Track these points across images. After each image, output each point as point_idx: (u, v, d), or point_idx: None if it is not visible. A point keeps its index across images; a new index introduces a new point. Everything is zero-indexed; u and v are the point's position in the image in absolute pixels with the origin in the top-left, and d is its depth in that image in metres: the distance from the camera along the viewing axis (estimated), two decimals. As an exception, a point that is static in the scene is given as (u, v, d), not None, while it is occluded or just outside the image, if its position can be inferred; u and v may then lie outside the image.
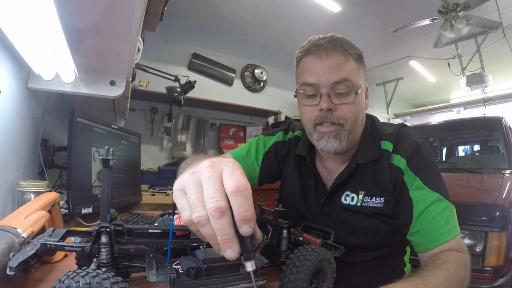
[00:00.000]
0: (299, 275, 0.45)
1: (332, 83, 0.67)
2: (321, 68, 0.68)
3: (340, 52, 0.68)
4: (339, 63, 0.68)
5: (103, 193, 0.42)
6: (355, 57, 0.71)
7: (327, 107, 0.67)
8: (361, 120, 0.74)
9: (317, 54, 0.69)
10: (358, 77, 0.70)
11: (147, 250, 0.43)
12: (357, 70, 0.70)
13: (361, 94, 0.71)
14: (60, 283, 0.33)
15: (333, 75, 0.67)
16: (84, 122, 1.07)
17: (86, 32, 0.88)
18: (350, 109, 0.69)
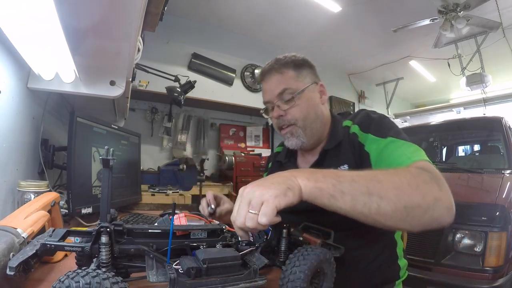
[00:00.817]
0: (299, 275, 0.45)
1: (276, 95, 0.84)
2: (268, 88, 0.87)
3: (276, 71, 0.86)
4: (278, 79, 0.85)
5: (103, 193, 0.42)
6: (292, 66, 0.86)
7: (277, 114, 0.85)
8: (314, 115, 0.86)
9: (264, 79, 0.89)
10: (298, 83, 0.85)
11: (147, 250, 0.43)
12: (297, 77, 0.86)
13: (307, 94, 0.85)
14: (60, 283, 0.33)
15: (275, 89, 0.85)
16: (84, 122, 1.07)
17: (86, 32, 0.88)
18: (297, 110, 0.83)
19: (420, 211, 0.53)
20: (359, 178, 0.53)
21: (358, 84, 5.31)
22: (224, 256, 0.46)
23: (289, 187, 0.49)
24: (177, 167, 2.58)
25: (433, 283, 1.69)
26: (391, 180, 0.54)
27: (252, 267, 0.46)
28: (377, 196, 0.51)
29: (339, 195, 0.51)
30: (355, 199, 0.51)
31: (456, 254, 1.70)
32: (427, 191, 0.54)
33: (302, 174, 0.52)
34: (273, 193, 0.47)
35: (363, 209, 0.51)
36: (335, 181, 0.52)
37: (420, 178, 0.56)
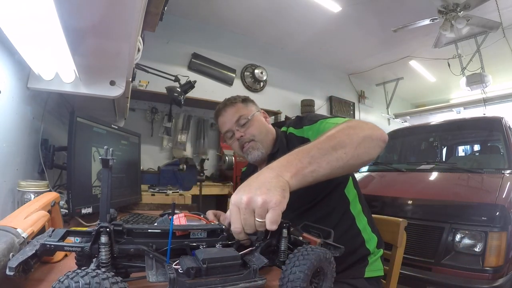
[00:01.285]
0: (299, 275, 0.45)
1: (234, 122, 1.05)
2: (226, 120, 1.08)
3: (229, 106, 1.08)
4: (232, 111, 1.07)
5: (103, 193, 0.42)
6: (240, 101, 1.09)
7: (239, 135, 1.05)
8: (265, 130, 1.07)
9: (221, 114, 1.10)
10: (247, 110, 1.08)
11: (147, 250, 0.43)
12: (245, 106, 1.09)
13: (256, 117, 1.07)
14: (60, 283, 0.33)
15: (232, 119, 1.06)
16: (84, 122, 1.07)
17: (86, 32, 0.88)
18: (253, 128, 1.04)
19: (368, 140, 0.69)
20: (321, 144, 0.64)
21: (358, 84, 5.31)
22: (224, 256, 0.46)
23: (284, 189, 0.53)
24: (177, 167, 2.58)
25: (433, 283, 1.69)
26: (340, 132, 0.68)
27: (252, 267, 0.46)
28: (341, 148, 0.64)
29: (318, 167, 0.60)
30: (329, 160, 0.62)
31: (456, 254, 1.70)
32: (362, 127, 0.71)
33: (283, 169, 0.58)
34: (276, 200, 0.50)
35: (338, 163, 0.63)
36: (309, 158, 0.60)
37: (352, 123, 0.74)
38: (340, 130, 0.69)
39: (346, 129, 0.70)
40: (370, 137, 0.70)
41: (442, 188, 2.03)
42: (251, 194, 0.51)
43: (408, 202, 1.97)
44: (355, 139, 0.66)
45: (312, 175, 0.59)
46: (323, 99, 4.74)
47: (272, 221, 0.49)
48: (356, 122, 0.74)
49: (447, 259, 1.71)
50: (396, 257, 1.02)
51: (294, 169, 0.58)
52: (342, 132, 0.68)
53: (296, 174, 0.57)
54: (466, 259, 1.66)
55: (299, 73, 4.35)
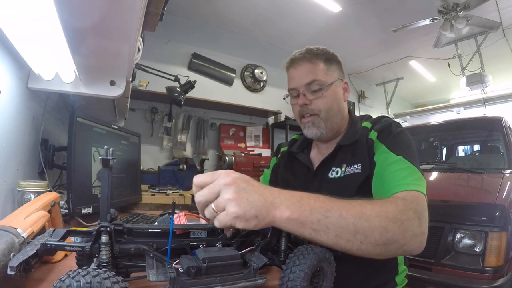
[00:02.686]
0: (299, 274, 0.45)
1: (305, 84, 0.86)
2: (297, 75, 0.89)
3: (308, 61, 0.87)
4: (308, 69, 0.87)
5: (103, 193, 0.42)
6: (324, 59, 0.88)
7: (302, 102, 0.87)
8: (336, 109, 0.89)
9: (293, 66, 0.90)
10: (327, 76, 0.87)
11: (147, 250, 0.43)
12: (326, 70, 0.88)
13: (333, 88, 0.88)
14: (61, 282, 0.33)
15: (304, 79, 0.87)
16: (84, 122, 1.07)
17: (86, 32, 0.88)
18: (323, 101, 0.86)
19: (397, 246, 0.55)
20: (347, 214, 0.52)
21: (358, 84, 5.31)
22: (224, 255, 0.46)
23: (257, 216, 0.47)
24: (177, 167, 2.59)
25: (433, 283, 1.69)
26: (378, 217, 0.54)
27: (252, 266, 0.46)
28: (362, 235, 0.52)
29: (323, 231, 0.50)
30: (339, 236, 0.50)
31: (456, 254, 1.70)
32: (408, 228, 0.56)
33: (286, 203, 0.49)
34: (236, 211, 0.45)
35: (345, 245, 0.52)
36: (322, 216, 0.50)
37: (405, 215, 0.57)
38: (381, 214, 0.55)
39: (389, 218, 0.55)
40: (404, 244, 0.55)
41: (442, 188, 2.03)
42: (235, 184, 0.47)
43: (408, 202, 1.97)
44: (385, 238, 0.53)
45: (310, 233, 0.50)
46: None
47: (219, 221, 0.46)
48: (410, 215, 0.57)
49: (447, 259, 1.71)
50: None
51: (297, 214, 0.49)
52: (380, 219, 0.54)
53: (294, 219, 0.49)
54: (466, 259, 1.66)
55: (299, 73, 4.34)
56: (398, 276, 0.85)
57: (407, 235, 0.56)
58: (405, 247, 0.56)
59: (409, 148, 0.77)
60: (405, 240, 0.55)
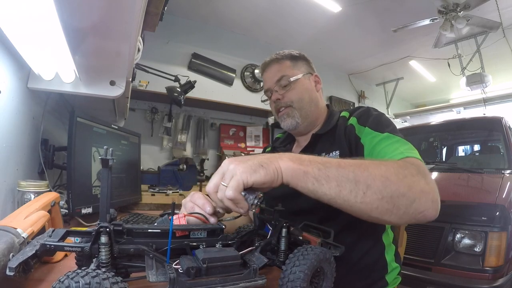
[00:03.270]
0: (299, 275, 0.45)
1: (275, 82, 0.95)
2: (268, 77, 0.98)
3: (275, 62, 0.97)
4: (276, 68, 0.96)
5: (103, 193, 0.42)
6: (289, 58, 0.97)
7: (275, 98, 0.95)
8: (308, 98, 0.94)
9: (264, 70, 1.00)
10: (294, 71, 0.95)
11: (147, 250, 0.43)
12: (293, 67, 0.96)
13: (302, 81, 0.95)
14: (60, 283, 0.33)
15: (274, 77, 0.95)
16: (84, 122, 1.07)
17: (86, 32, 0.88)
18: (293, 93, 0.93)
19: (406, 202, 0.52)
20: (346, 165, 0.52)
21: (358, 84, 5.31)
22: (224, 256, 0.46)
23: (262, 165, 0.49)
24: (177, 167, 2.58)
25: (433, 283, 1.69)
26: (378, 169, 0.53)
27: (252, 266, 0.46)
28: (364, 184, 0.50)
29: (324, 180, 0.50)
30: (341, 185, 0.50)
31: (456, 254, 1.70)
32: (414, 183, 0.54)
33: (286, 156, 0.52)
34: (241, 167, 0.48)
35: (349, 196, 0.50)
36: (321, 166, 0.51)
37: (408, 170, 0.55)
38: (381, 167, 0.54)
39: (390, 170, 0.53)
40: (412, 201, 0.52)
41: (442, 188, 2.02)
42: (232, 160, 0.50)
43: (408, 202, 1.97)
44: (389, 189, 0.51)
45: (313, 182, 0.50)
46: (323, 99, 4.74)
47: (230, 186, 0.47)
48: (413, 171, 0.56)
49: (447, 259, 1.71)
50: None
51: (298, 162, 0.51)
52: (380, 170, 0.53)
53: (296, 169, 0.50)
54: (466, 259, 1.66)
55: (299, 73, 4.35)
56: (388, 275, 0.84)
57: (414, 189, 0.53)
58: (416, 205, 0.53)
59: (391, 125, 0.79)
60: (413, 194, 0.53)
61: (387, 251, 0.85)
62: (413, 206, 0.53)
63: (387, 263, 0.84)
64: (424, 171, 0.58)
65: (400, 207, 0.52)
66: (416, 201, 0.53)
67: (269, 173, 0.49)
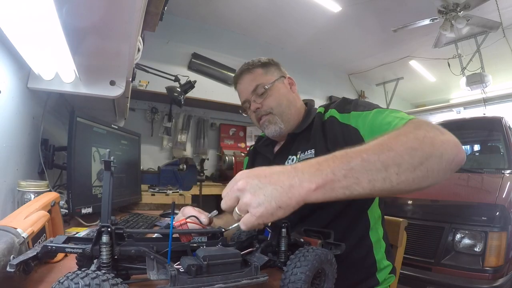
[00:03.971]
0: (300, 276, 0.45)
1: (251, 92, 0.94)
2: (243, 88, 0.98)
3: (247, 72, 0.97)
4: (250, 78, 0.96)
5: (104, 195, 0.42)
6: (259, 66, 0.97)
7: (254, 107, 0.94)
8: (286, 102, 0.94)
9: (238, 82, 1.01)
10: (267, 77, 0.95)
11: (148, 251, 0.43)
12: (265, 73, 0.96)
13: (277, 86, 0.94)
14: (59, 284, 0.32)
15: (249, 88, 0.95)
16: (84, 122, 1.07)
17: (86, 32, 0.88)
18: (271, 99, 0.93)
19: (436, 160, 0.50)
20: (368, 155, 0.48)
21: (358, 84, 5.31)
22: (225, 254, 0.46)
23: (281, 206, 0.45)
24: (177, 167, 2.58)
25: (433, 283, 1.69)
26: (399, 142, 0.50)
27: (253, 264, 0.46)
28: (394, 165, 0.48)
29: (355, 184, 0.47)
30: (372, 179, 0.47)
31: (456, 254, 1.70)
32: (433, 139, 0.52)
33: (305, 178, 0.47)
34: (258, 211, 0.45)
35: (384, 185, 0.47)
36: (346, 171, 0.47)
37: (422, 130, 0.54)
38: (400, 138, 0.51)
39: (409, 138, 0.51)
40: (441, 156, 0.51)
41: (442, 188, 2.03)
42: (248, 185, 0.46)
43: (408, 202, 1.97)
44: (417, 157, 0.49)
45: (344, 192, 0.47)
46: (323, 99, 4.73)
47: (246, 225, 0.46)
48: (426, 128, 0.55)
49: (447, 259, 1.71)
50: (397, 257, 1.02)
51: (321, 180, 0.46)
52: (401, 142, 0.50)
53: (322, 186, 0.46)
54: (466, 259, 1.66)
55: (299, 73, 4.34)
56: (379, 273, 0.82)
57: (437, 145, 0.52)
58: (446, 156, 0.51)
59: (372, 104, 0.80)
60: (438, 149, 0.51)
61: (376, 248, 0.83)
62: (443, 160, 0.51)
63: (375, 261, 0.82)
64: (433, 124, 0.58)
65: (433, 168, 0.50)
66: (444, 154, 0.51)
67: (287, 211, 0.46)
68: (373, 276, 0.82)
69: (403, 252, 1.04)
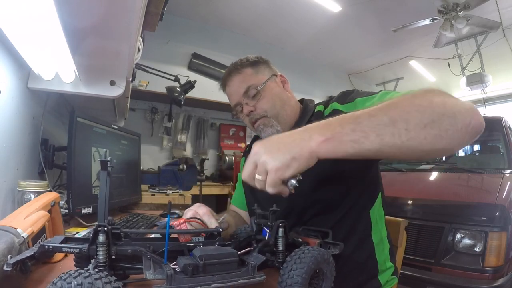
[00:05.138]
0: (297, 279, 0.44)
1: (242, 94, 0.88)
2: (233, 91, 0.92)
3: (235, 74, 0.91)
4: (239, 80, 0.89)
5: (101, 195, 0.42)
6: (248, 65, 0.91)
7: (248, 111, 0.88)
8: (280, 102, 0.89)
9: (227, 84, 0.94)
10: (258, 78, 0.89)
11: (144, 251, 0.43)
12: (256, 73, 0.90)
13: (269, 85, 0.89)
14: (53, 285, 0.33)
15: (240, 90, 0.88)
16: (84, 122, 1.07)
17: (86, 32, 0.88)
18: (264, 101, 0.87)
19: (450, 120, 0.48)
20: (375, 111, 0.49)
21: (358, 84, 5.31)
22: (221, 253, 0.46)
23: (295, 157, 0.47)
24: (177, 167, 2.59)
25: (433, 283, 1.69)
26: (407, 101, 0.50)
27: (250, 263, 0.46)
28: (402, 120, 0.47)
29: (363, 137, 0.47)
30: (381, 133, 0.47)
31: (456, 254, 1.70)
32: (445, 101, 0.50)
33: (316, 132, 0.49)
34: (275, 165, 0.47)
35: (393, 140, 0.47)
36: (354, 125, 0.48)
37: (431, 93, 0.52)
38: (409, 98, 0.51)
39: (419, 96, 0.51)
40: (454, 116, 0.48)
41: (442, 188, 2.03)
42: (262, 148, 0.50)
43: (408, 202, 1.97)
44: (427, 113, 0.48)
45: (353, 145, 0.47)
46: (323, 99, 4.73)
47: (269, 184, 0.48)
48: (438, 92, 0.52)
49: (447, 259, 1.71)
50: (397, 257, 1.02)
51: (330, 133, 0.48)
52: (410, 101, 0.50)
53: (330, 139, 0.47)
54: (466, 259, 1.66)
55: (299, 73, 4.35)
56: (381, 274, 0.81)
57: (449, 105, 0.49)
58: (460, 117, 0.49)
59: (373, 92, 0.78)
60: (451, 109, 0.49)
61: (378, 250, 0.82)
62: (458, 121, 0.49)
63: (377, 263, 0.81)
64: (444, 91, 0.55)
65: (447, 127, 0.48)
66: (457, 115, 0.49)
67: (302, 163, 0.48)
68: (375, 278, 0.80)
69: (403, 252, 1.04)
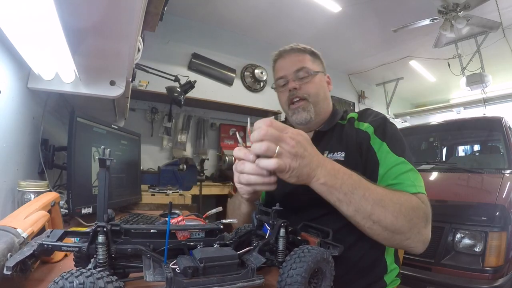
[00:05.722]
0: (296, 279, 0.45)
1: (293, 71, 0.92)
2: (286, 65, 0.94)
3: (295, 51, 0.95)
4: (297, 58, 0.93)
5: (100, 193, 0.42)
6: (309, 52, 0.96)
7: (292, 86, 0.91)
8: (323, 95, 0.94)
9: (282, 56, 0.96)
10: (314, 65, 0.94)
11: (144, 250, 0.43)
12: (312, 61, 0.95)
13: (319, 77, 0.94)
14: (55, 284, 0.33)
15: (293, 67, 0.92)
16: (84, 122, 1.07)
17: (86, 32, 0.88)
18: (311, 86, 0.91)
19: (402, 238, 0.64)
20: (369, 196, 0.61)
21: (358, 84, 5.31)
22: (221, 255, 0.46)
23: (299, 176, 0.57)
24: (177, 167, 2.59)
25: (433, 283, 1.69)
26: (394, 207, 0.62)
27: (250, 266, 0.46)
28: (376, 219, 0.61)
29: (346, 203, 0.60)
30: (357, 212, 0.61)
31: (456, 254, 1.70)
32: (415, 226, 0.65)
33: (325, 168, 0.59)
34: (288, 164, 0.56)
35: (359, 222, 0.62)
36: (349, 192, 0.60)
37: (416, 212, 0.65)
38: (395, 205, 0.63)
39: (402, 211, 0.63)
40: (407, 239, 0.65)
41: (442, 188, 2.03)
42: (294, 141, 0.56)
43: (408, 202, 1.96)
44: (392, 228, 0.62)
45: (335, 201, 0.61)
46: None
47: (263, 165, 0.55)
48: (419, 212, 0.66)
49: (447, 259, 1.71)
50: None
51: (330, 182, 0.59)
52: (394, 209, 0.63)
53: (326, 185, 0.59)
54: (466, 259, 1.66)
55: (299, 73, 4.35)
56: (387, 275, 0.84)
57: (413, 231, 0.64)
58: (409, 241, 0.65)
59: (406, 147, 0.82)
60: (410, 234, 0.64)
61: (387, 252, 0.85)
62: (406, 242, 0.65)
63: (386, 264, 0.84)
64: (428, 215, 0.69)
65: (396, 240, 0.65)
66: (410, 239, 0.65)
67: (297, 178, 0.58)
68: (382, 278, 0.83)
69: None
